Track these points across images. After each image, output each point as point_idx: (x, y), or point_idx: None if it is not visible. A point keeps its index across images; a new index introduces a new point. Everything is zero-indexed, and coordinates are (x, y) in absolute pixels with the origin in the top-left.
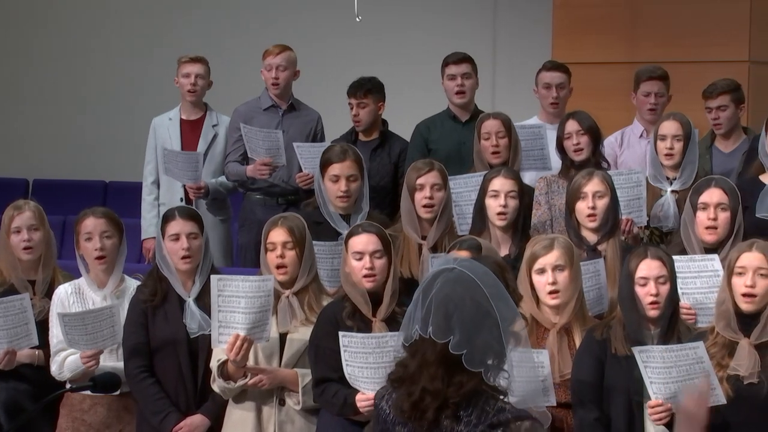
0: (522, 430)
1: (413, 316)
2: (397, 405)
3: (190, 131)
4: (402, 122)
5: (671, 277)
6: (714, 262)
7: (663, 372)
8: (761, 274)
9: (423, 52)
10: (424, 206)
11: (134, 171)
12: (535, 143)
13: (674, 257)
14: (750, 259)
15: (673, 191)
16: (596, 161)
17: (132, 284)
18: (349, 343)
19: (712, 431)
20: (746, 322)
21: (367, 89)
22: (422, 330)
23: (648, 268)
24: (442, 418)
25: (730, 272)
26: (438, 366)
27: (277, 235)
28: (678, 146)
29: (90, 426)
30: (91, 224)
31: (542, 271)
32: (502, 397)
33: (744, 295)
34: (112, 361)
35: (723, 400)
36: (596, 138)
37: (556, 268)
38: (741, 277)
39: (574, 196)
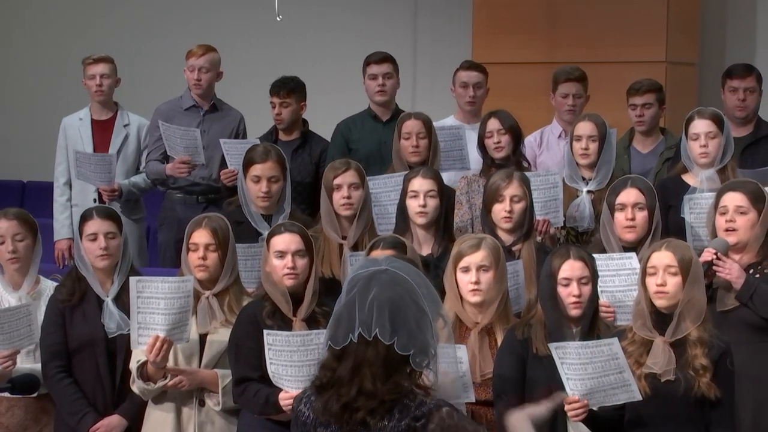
0: (443, 414)
1: (346, 319)
2: (320, 407)
3: (101, 131)
4: (323, 122)
5: (593, 277)
6: (632, 260)
7: (579, 368)
8: (671, 273)
9: (344, 51)
10: (343, 205)
11: (52, 171)
12: (454, 144)
13: (593, 255)
14: (660, 258)
15: (588, 191)
16: (516, 160)
17: (48, 285)
18: (274, 341)
19: (630, 428)
20: (662, 320)
21: (290, 88)
22: (366, 332)
23: (571, 268)
24: (373, 416)
25: (643, 272)
26: (378, 366)
27: (200, 237)
28: (593, 146)
29: (7, 429)
30: (3, 227)
31: (467, 269)
32: (421, 392)
33: (656, 293)
34: (29, 363)
35: (638, 396)
36: (517, 137)
37: (480, 268)
38: (653, 277)
39: (491, 197)
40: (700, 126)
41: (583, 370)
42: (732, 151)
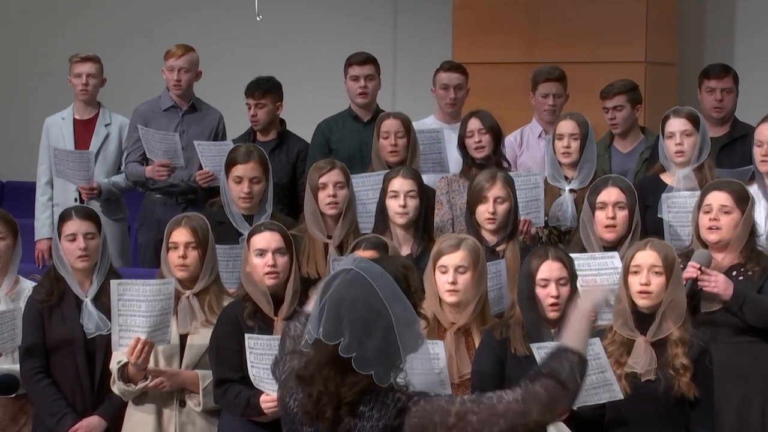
0: (419, 405)
1: (311, 317)
2: (301, 405)
3: (83, 131)
4: (301, 122)
5: (571, 278)
6: (614, 259)
7: None
8: (655, 272)
9: (324, 52)
10: (328, 204)
11: (32, 171)
12: (433, 147)
13: (574, 255)
14: (644, 257)
15: (571, 190)
16: (497, 160)
17: (27, 285)
18: (255, 344)
19: (610, 427)
20: (643, 320)
21: (265, 89)
22: (314, 331)
23: (549, 269)
24: (342, 417)
25: (626, 271)
26: (330, 367)
27: (180, 235)
28: (575, 145)
29: None
30: None
31: (444, 269)
32: (401, 390)
33: (639, 292)
34: (7, 363)
35: (620, 396)
36: (497, 137)
37: (458, 269)
38: (636, 276)
39: (475, 198)
40: (676, 124)
41: None
42: (708, 149)
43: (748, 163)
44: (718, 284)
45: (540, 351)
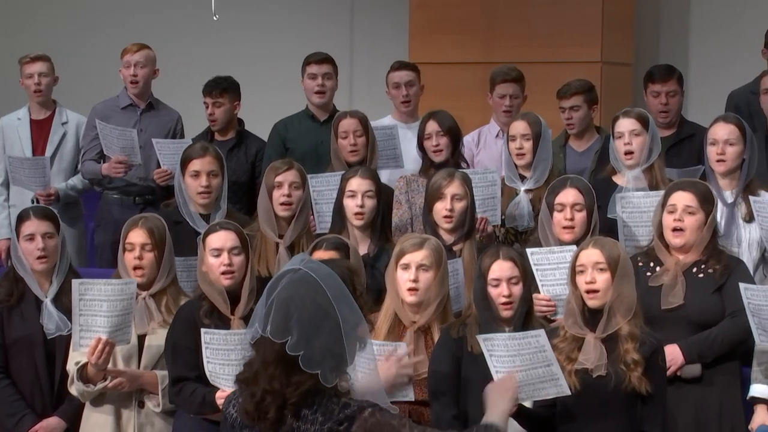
0: (366, 414)
1: (256, 316)
2: (242, 407)
3: (39, 130)
4: (259, 122)
5: (524, 277)
6: (572, 253)
7: (507, 360)
8: (600, 269)
9: (281, 51)
10: (282, 204)
11: None
12: (388, 143)
13: (533, 249)
14: (588, 256)
15: (527, 190)
16: (456, 162)
17: None
18: (211, 339)
19: (561, 422)
20: (593, 317)
21: (223, 88)
22: (262, 328)
23: (500, 269)
24: (285, 417)
25: (572, 271)
26: (276, 366)
27: (136, 237)
28: (527, 145)
29: None
30: None
31: (406, 267)
32: (345, 395)
33: (587, 291)
34: None
35: (567, 391)
36: (456, 138)
37: (420, 266)
38: (582, 275)
39: (433, 196)
40: (625, 125)
41: (512, 363)
42: (659, 150)
43: (696, 162)
44: (675, 363)
45: (486, 343)
